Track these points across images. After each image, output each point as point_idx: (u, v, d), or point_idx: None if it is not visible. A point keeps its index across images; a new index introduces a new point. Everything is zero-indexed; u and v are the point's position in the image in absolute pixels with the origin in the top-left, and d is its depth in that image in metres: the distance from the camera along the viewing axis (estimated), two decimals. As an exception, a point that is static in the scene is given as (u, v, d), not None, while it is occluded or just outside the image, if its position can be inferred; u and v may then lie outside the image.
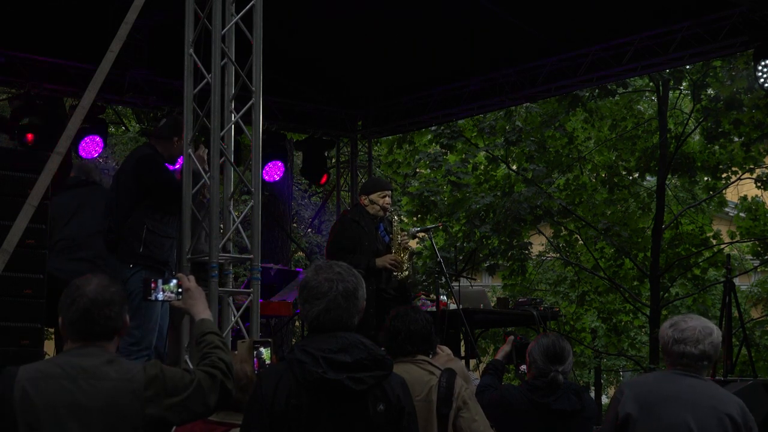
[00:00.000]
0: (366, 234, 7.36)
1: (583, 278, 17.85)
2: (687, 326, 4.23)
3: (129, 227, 6.43)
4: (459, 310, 7.98)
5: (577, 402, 4.88)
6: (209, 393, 3.29)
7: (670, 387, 4.21)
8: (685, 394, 4.16)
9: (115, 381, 3.18)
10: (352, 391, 3.17)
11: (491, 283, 23.04)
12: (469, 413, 4.52)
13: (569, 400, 4.83)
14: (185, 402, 3.23)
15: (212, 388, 3.30)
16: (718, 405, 4.15)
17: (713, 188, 17.18)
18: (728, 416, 4.11)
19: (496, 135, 16.01)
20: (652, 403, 4.19)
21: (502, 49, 10.32)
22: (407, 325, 4.57)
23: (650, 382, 4.42)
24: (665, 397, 4.17)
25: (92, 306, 3.24)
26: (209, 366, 3.35)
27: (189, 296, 3.61)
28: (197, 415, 3.32)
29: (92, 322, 3.24)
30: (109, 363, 3.23)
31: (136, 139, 17.21)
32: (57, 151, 4.87)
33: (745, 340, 9.69)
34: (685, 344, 4.19)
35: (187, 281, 3.65)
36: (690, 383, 4.19)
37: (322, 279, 3.31)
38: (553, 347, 4.95)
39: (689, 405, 4.12)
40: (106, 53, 5.03)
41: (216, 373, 3.33)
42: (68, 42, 9.48)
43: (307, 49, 10.56)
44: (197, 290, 3.63)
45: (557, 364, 4.90)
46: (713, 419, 4.10)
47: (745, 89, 13.37)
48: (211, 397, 3.29)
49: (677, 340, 4.21)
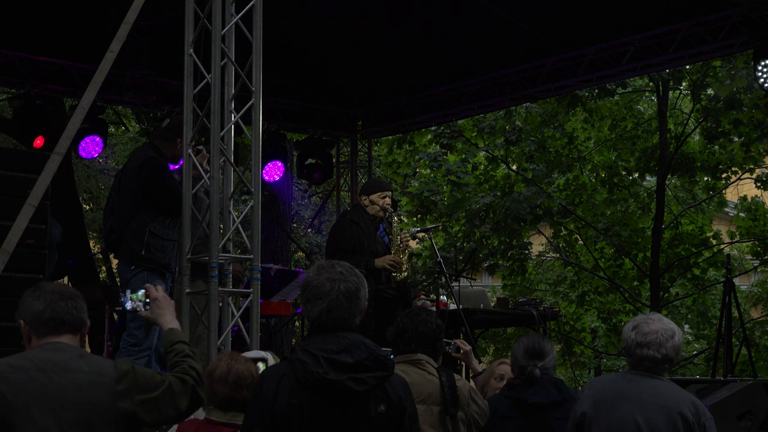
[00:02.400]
0: (365, 235, 7.36)
1: (583, 278, 17.85)
2: (649, 329, 4.24)
3: (132, 229, 6.44)
4: (459, 310, 7.98)
5: (557, 394, 4.88)
6: (180, 397, 3.30)
7: (625, 387, 4.26)
8: (639, 394, 4.20)
9: (87, 374, 3.19)
10: (353, 392, 3.16)
11: (491, 283, 23.03)
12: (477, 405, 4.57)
13: (548, 393, 4.83)
14: (156, 401, 3.25)
15: (183, 392, 3.32)
16: (671, 404, 4.17)
17: (713, 188, 17.18)
18: (680, 415, 4.13)
19: (496, 135, 16.01)
20: (605, 402, 4.23)
21: (502, 49, 10.32)
22: (415, 325, 4.57)
23: (607, 381, 4.48)
24: (619, 397, 4.22)
25: (60, 299, 3.29)
26: (181, 372, 3.37)
27: (156, 306, 3.61)
28: (168, 418, 3.33)
29: (61, 314, 3.28)
30: (81, 357, 3.25)
31: (136, 139, 17.22)
32: (57, 151, 4.88)
33: (745, 340, 9.67)
34: (648, 348, 4.21)
35: (155, 291, 3.64)
36: (646, 383, 4.23)
37: (324, 279, 3.30)
38: (533, 344, 5.01)
39: (640, 404, 4.16)
40: (106, 53, 5.04)
41: (188, 379, 3.35)
42: (68, 42, 9.48)
43: (307, 49, 10.56)
44: (165, 300, 3.63)
45: (536, 359, 4.93)
46: (663, 417, 4.12)
47: (745, 89, 13.36)
48: (182, 401, 3.31)
49: (640, 344, 4.23)
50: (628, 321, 14.33)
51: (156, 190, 6.44)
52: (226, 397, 3.93)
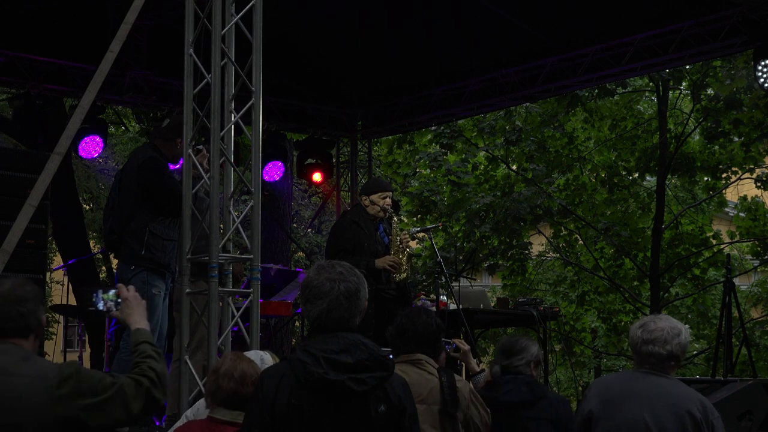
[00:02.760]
0: (365, 235, 7.36)
1: (583, 278, 17.85)
2: (656, 327, 4.27)
3: (132, 229, 6.43)
4: (459, 310, 7.98)
5: (528, 393, 4.88)
6: (133, 399, 3.26)
7: (632, 385, 4.27)
8: (646, 392, 4.21)
9: (28, 378, 3.16)
10: (353, 392, 3.16)
11: (491, 283, 23.05)
12: (476, 407, 4.56)
13: (519, 392, 4.83)
14: (103, 404, 3.20)
15: (137, 394, 3.27)
16: (678, 402, 4.18)
17: (713, 188, 17.18)
18: (688, 413, 4.14)
19: (496, 135, 16.01)
20: (613, 400, 4.25)
21: (502, 49, 10.32)
22: (415, 326, 4.56)
23: (614, 380, 4.49)
24: (626, 395, 4.23)
25: (4, 302, 3.25)
26: (138, 374, 3.34)
27: (126, 306, 3.60)
28: (118, 421, 3.27)
29: (4, 319, 3.24)
30: (25, 360, 3.22)
31: (136, 139, 17.22)
32: (57, 152, 4.88)
33: (745, 340, 9.67)
34: (654, 344, 4.24)
35: (125, 291, 3.64)
36: (653, 381, 4.24)
37: (324, 279, 3.30)
38: (507, 343, 5.06)
39: (648, 402, 4.18)
40: (106, 53, 5.04)
41: (143, 380, 3.31)
42: (68, 42, 9.48)
43: (307, 49, 10.56)
44: (135, 300, 3.62)
45: (505, 358, 4.98)
46: (671, 416, 4.13)
47: (745, 89, 13.37)
48: (134, 404, 3.26)
49: (646, 340, 4.26)
50: (633, 321, 14.25)
51: (156, 190, 6.44)
52: (231, 393, 3.92)
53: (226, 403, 3.95)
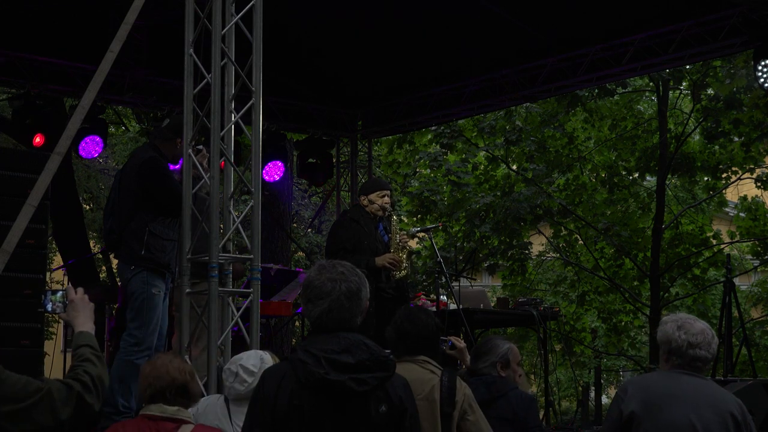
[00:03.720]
0: (365, 233, 7.36)
1: (583, 278, 17.85)
2: (697, 330, 4.29)
3: (131, 229, 6.43)
4: (459, 310, 7.98)
5: (486, 392, 4.89)
6: (61, 405, 3.14)
7: (673, 386, 4.27)
8: (688, 393, 4.23)
9: None
10: (354, 392, 3.16)
11: (491, 283, 23.05)
12: (474, 416, 4.54)
13: (477, 392, 4.84)
14: (28, 410, 3.09)
15: (66, 399, 3.16)
16: (720, 404, 4.22)
17: (713, 188, 17.18)
18: (730, 414, 4.18)
19: (496, 135, 16.01)
20: (655, 401, 4.24)
21: (502, 49, 10.32)
22: (418, 329, 4.56)
23: (653, 380, 4.46)
24: (669, 396, 4.23)
25: None
26: (71, 378, 3.24)
27: (72, 308, 3.54)
28: (44, 427, 3.15)
29: None
30: None
31: (136, 139, 17.22)
32: (57, 151, 4.87)
33: (745, 340, 9.68)
34: (701, 349, 4.26)
35: (73, 293, 3.58)
36: (692, 382, 4.26)
37: (325, 279, 3.30)
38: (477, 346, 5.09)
39: (692, 403, 4.18)
40: (106, 53, 5.03)
41: (75, 384, 3.21)
42: (68, 42, 9.48)
43: (307, 49, 10.56)
44: (81, 302, 3.55)
45: (473, 361, 5.04)
46: (716, 417, 4.16)
47: (745, 88, 13.37)
48: (63, 409, 3.15)
49: (692, 344, 4.26)
50: (633, 321, 14.04)
51: (156, 190, 6.44)
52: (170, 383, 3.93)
53: (161, 398, 3.92)
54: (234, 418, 4.40)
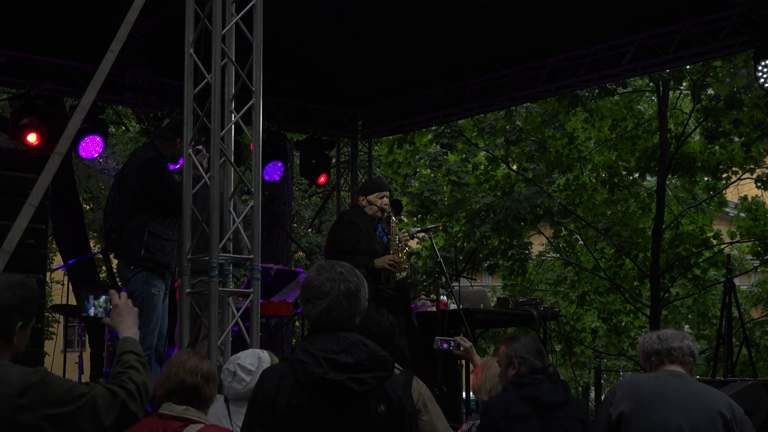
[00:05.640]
0: (364, 235, 7.35)
1: (583, 278, 17.86)
2: (666, 332, 4.49)
3: (131, 229, 6.43)
4: (459, 310, 7.98)
5: (565, 394, 4.91)
6: (105, 411, 3.11)
7: (661, 387, 4.31)
8: (676, 394, 4.26)
9: None
10: (353, 392, 3.16)
11: (491, 283, 23.05)
12: (429, 416, 4.55)
13: (556, 393, 4.88)
14: (71, 415, 3.05)
15: (111, 406, 3.12)
16: (709, 403, 4.25)
17: (713, 188, 17.19)
18: (719, 414, 4.20)
19: (496, 135, 16.02)
20: (644, 403, 4.28)
21: (502, 49, 10.32)
22: (368, 327, 4.49)
23: (642, 383, 4.50)
24: (657, 398, 4.26)
25: None
26: (116, 385, 3.21)
27: (116, 313, 3.52)
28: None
29: None
30: None
31: (136, 139, 17.23)
32: (57, 152, 4.87)
33: (745, 340, 9.68)
34: (673, 341, 4.41)
35: (117, 298, 3.56)
36: (680, 383, 4.29)
37: (324, 279, 3.30)
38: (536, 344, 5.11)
39: (680, 404, 4.21)
40: (106, 53, 5.03)
41: (119, 392, 3.17)
42: (68, 42, 9.47)
43: (307, 49, 10.56)
44: (126, 307, 3.53)
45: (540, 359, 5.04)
46: (704, 417, 4.18)
47: (744, 88, 13.37)
48: (107, 416, 3.11)
49: (662, 338, 4.44)
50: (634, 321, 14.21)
51: (156, 190, 6.44)
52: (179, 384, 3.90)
53: (171, 398, 3.91)
54: (234, 418, 4.40)
